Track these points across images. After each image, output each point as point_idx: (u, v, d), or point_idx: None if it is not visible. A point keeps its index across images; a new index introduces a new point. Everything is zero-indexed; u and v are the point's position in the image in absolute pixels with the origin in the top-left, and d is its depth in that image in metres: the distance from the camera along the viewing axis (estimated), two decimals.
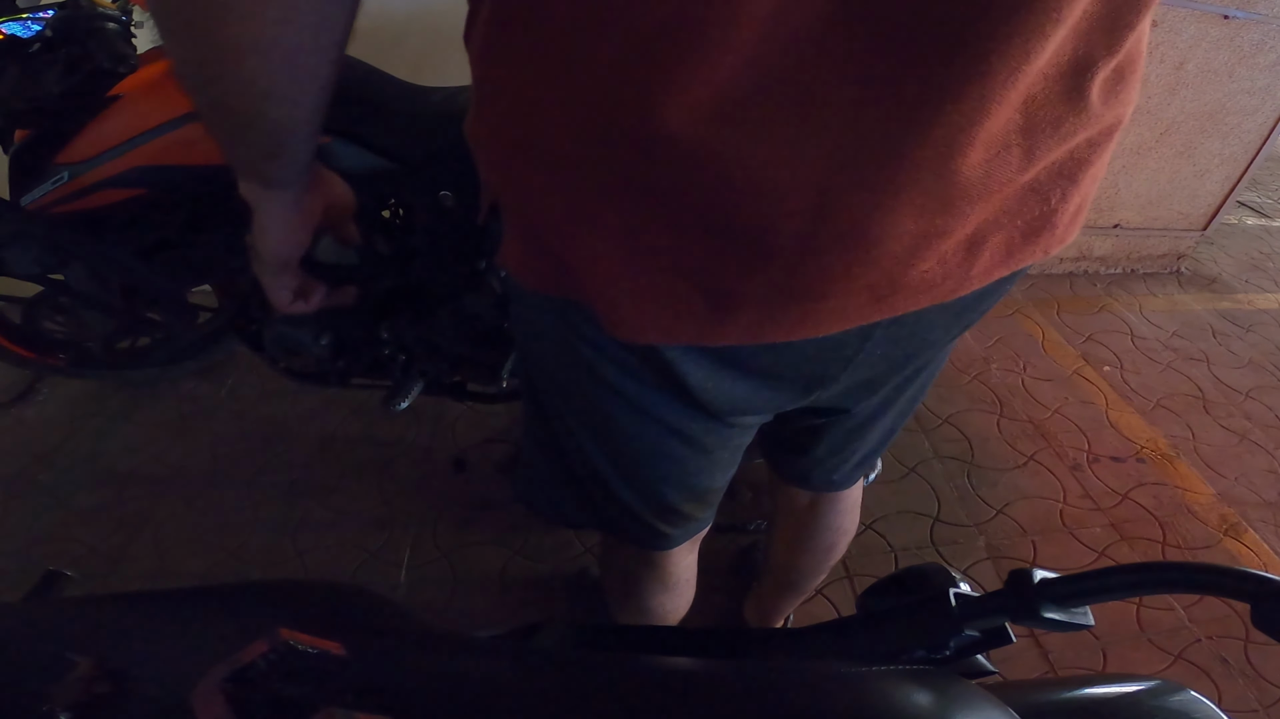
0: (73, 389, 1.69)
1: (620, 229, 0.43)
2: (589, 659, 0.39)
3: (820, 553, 0.94)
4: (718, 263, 0.44)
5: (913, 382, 0.66)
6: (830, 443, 0.73)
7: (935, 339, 0.57)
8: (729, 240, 0.42)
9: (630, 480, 0.64)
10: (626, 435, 0.59)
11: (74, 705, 0.28)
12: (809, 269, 0.43)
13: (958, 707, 0.34)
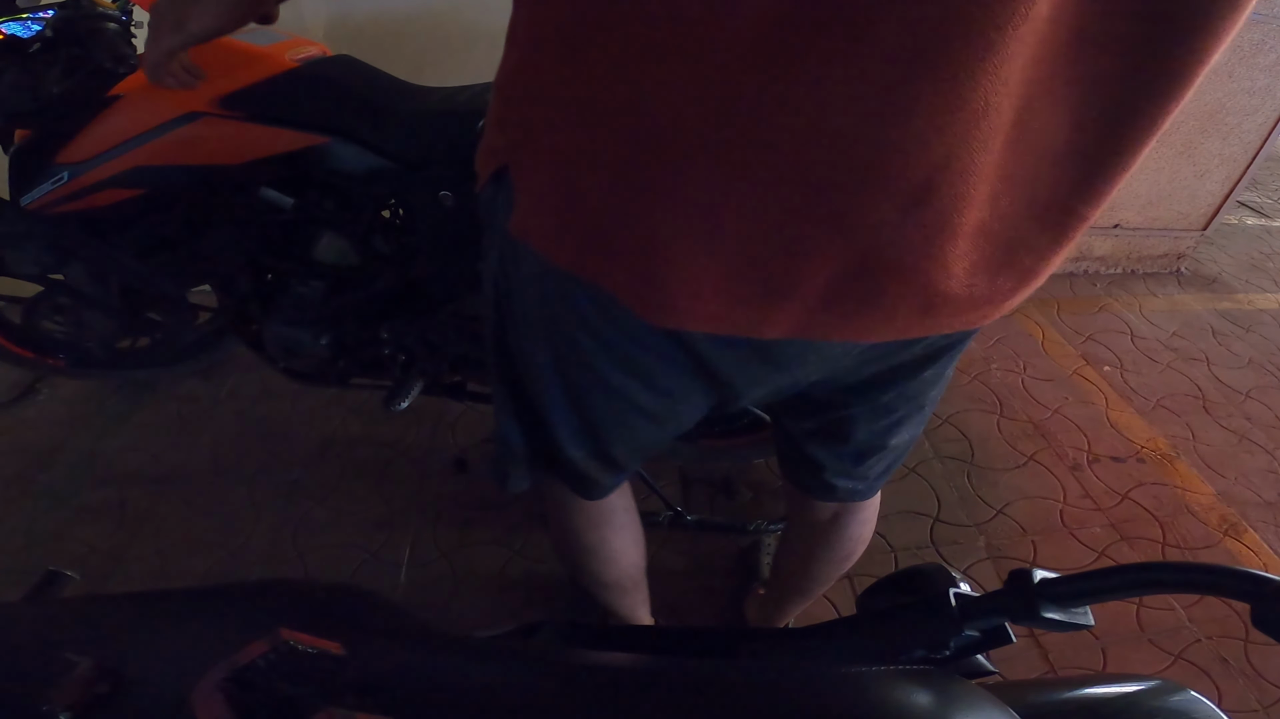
0: (73, 389, 1.69)
1: (694, 205, 0.41)
2: (588, 659, 0.39)
3: (837, 563, 0.94)
4: (790, 249, 0.42)
5: (933, 382, 0.66)
6: (855, 446, 0.72)
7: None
8: (814, 224, 0.41)
9: (585, 443, 0.65)
10: (596, 412, 0.60)
11: (74, 705, 0.28)
12: (880, 264, 0.43)
13: (958, 707, 0.34)
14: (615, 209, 0.44)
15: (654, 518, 1.43)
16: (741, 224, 0.42)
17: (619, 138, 0.41)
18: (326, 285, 1.19)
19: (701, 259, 0.43)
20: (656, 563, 1.40)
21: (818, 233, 0.41)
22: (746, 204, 0.41)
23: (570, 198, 0.45)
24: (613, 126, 0.41)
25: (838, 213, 0.40)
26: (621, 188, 0.43)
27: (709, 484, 1.58)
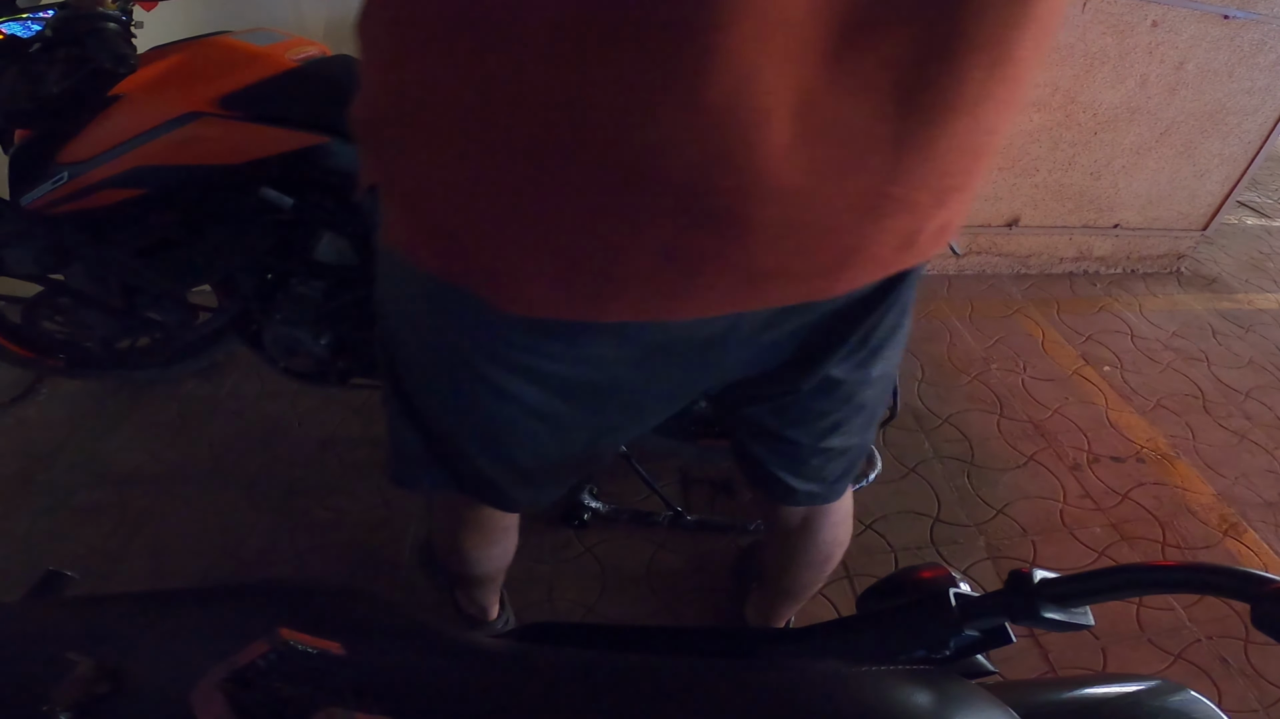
0: (73, 389, 1.68)
1: (517, 198, 0.44)
2: (588, 659, 0.39)
3: (816, 566, 0.94)
4: (603, 238, 0.44)
5: (863, 368, 0.65)
6: (797, 449, 0.72)
7: (833, 333, 0.59)
8: (617, 216, 0.43)
9: (488, 451, 0.65)
10: (487, 414, 0.60)
11: (74, 705, 0.28)
12: (685, 249, 0.44)
13: (958, 707, 0.34)
14: (456, 208, 0.46)
15: (654, 518, 1.43)
16: (560, 215, 0.44)
17: (450, 138, 0.43)
18: (326, 285, 1.19)
19: (534, 250, 0.46)
20: (657, 563, 1.40)
21: (621, 224, 0.44)
22: (560, 196, 0.43)
23: (422, 202, 0.48)
24: (443, 127, 0.43)
25: (634, 205, 0.43)
26: (458, 186, 0.45)
27: (709, 484, 1.58)
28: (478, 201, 0.45)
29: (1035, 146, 2.25)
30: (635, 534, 1.44)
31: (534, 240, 0.45)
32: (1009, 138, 2.20)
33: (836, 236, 0.47)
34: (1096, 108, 2.19)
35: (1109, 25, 2.01)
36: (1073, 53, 2.04)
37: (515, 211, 0.44)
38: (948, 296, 2.41)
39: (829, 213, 0.45)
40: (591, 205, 0.43)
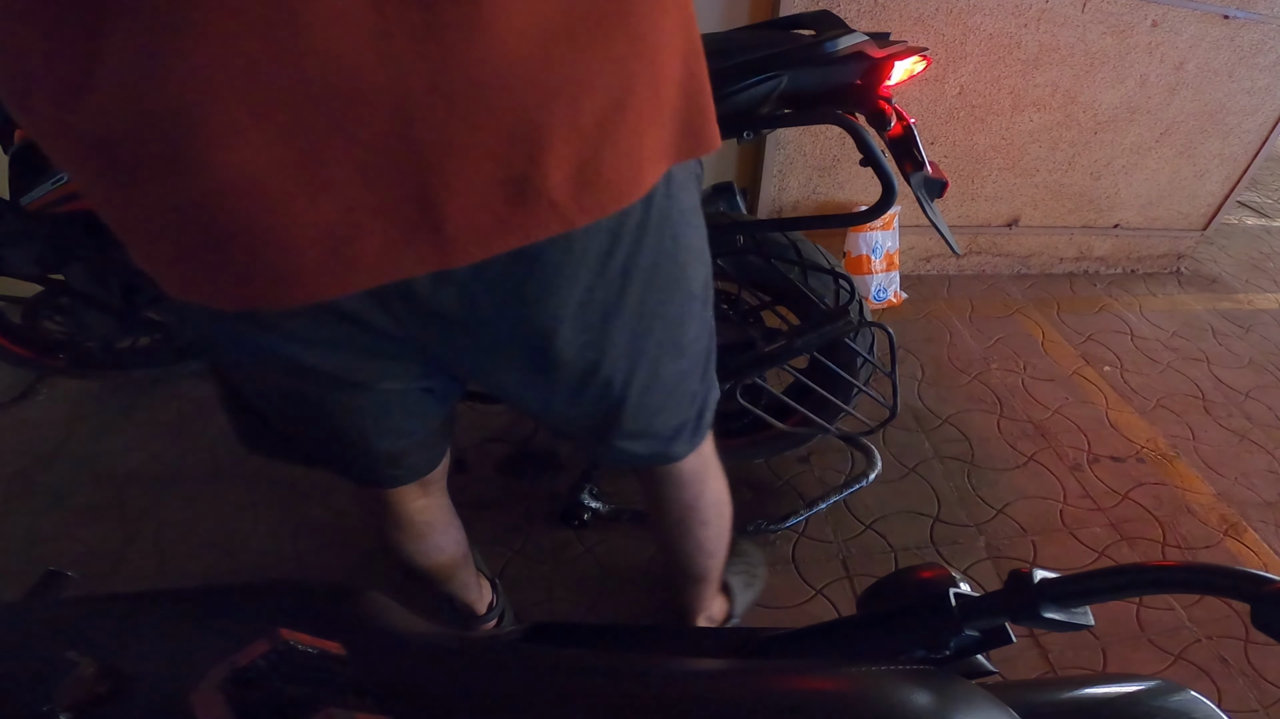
0: (73, 389, 1.68)
1: (124, 200, 0.44)
2: (588, 659, 0.39)
3: (672, 527, 0.91)
4: (192, 228, 0.43)
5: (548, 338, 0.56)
6: (545, 415, 0.69)
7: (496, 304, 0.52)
8: (173, 210, 0.43)
9: (314, 434, 0.65)
10: (278, 399, 0.61)
11: (74, 705, 0.28)
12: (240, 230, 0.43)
13: (958, 707, 0.34)
14: (117, 226, 0.47)
15: None
16: (160, 212, 0.44)
17: (83, 152, 0.43)
18: None
19: (166, 244, 0.46)
20: (657, 563, 1.40)
21: (180, 217, 0.43)
22: (145, 195, 0.43)
23: (110, 217, 0.48)
24: (75, 141, 0.42)
25: (176, 195, 0.42)
26: (101, 201, 0.46)
27: None
28: (118, 212, 0.46)
29: (1035, 146, 2.25)
30: (635, 534, 1.43)
31: (166, 239, 0.45)
32: (1009, 137, 2.20)
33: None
34: (1096, 108, 2.19)
35: (1109, 25, 2.01)
36: (1073, 53, 2.05)
37: (143, 212, 0.44)
38: (948, 297, 2.41)
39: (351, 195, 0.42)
40: (173, 197, 0.42)
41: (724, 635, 0.55)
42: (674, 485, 0.85)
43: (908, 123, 0.98)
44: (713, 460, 0.87)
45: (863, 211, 1.01)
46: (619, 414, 0.66)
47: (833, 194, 2.22)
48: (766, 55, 0.94)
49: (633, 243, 0.53)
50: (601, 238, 0.51)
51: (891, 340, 1.24)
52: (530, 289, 0.51)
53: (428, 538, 0.90)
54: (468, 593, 1.10)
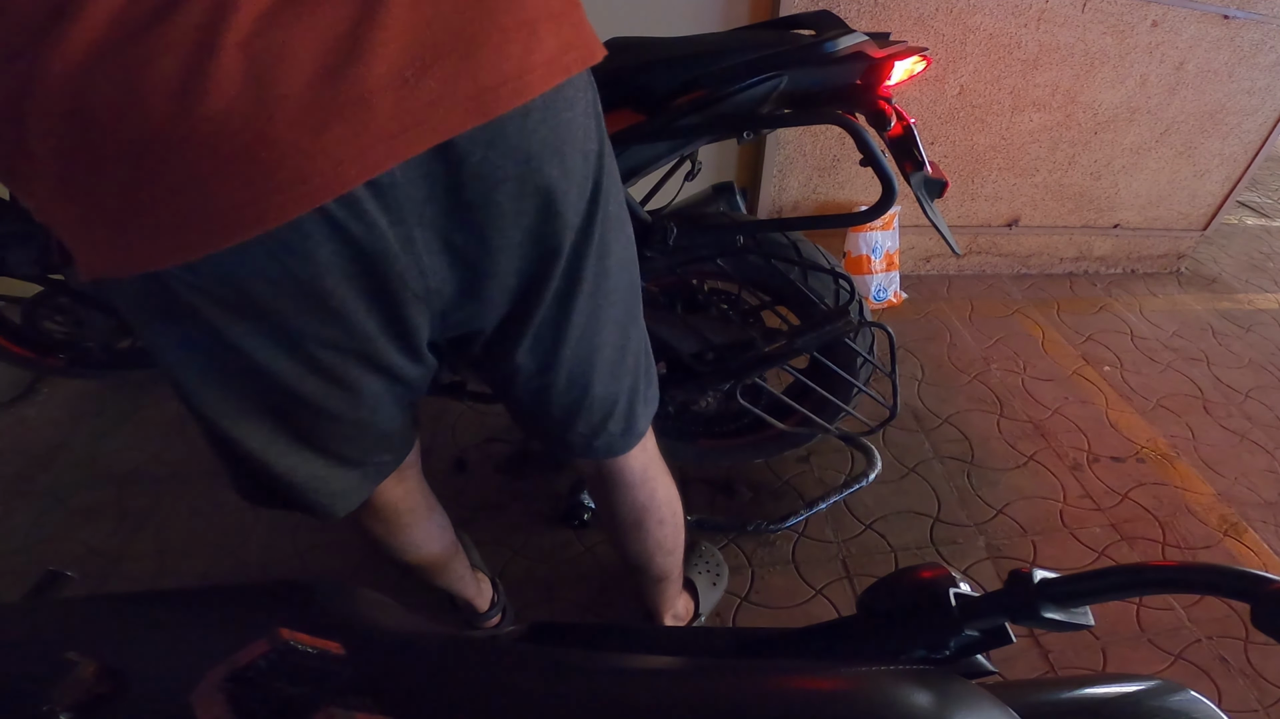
0: (73, 389, 1.68)
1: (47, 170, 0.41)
2: (587, 659, 0.39)
3: (630, 530, 0.93)
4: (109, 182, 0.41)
5: (547, 282, 0.60)
6: (539, 389, 0.70)
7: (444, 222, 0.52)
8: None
9: (256, 428, 0.61)
10: (218, 373, 0.56)
11: (74, 705, 0.28)
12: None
13: (958, 707, 0.34)
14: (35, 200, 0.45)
15: None
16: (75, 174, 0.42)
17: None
18: None
19: (72, 211, 0.44)
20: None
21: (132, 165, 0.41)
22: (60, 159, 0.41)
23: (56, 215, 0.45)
24: None
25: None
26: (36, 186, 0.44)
27: (709, 484, 1.58)
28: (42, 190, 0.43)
29: (1035, 146, 2.25)
30: None
31: (65, 201, 0.43)
32: (1009, 137, 2.20)
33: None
34: (1096, 108, 2.19)
35: (1109, 25, 2.01)
36: (1073, 53, 2.05)
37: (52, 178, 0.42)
38: (948, 297, 2.41)
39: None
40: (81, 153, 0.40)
41: (724, 635, 0.55)
42: (627, 487, 0.87)
43: (908, 123, 0.98)
44: (659, 459, 0.91)
45: (863, 211, 1.01)
46: (565, 330, 0.65)
47: (833, 194, 2.22)
48: (766, 55, 0.94)
49: (605, 142, 0.59)
50: (591, 124, 0.57)
51: (891, 340, 1.24)
52: (555, 137, 0.53)
53: (413, 529, 0.89)
54: (465, 587, 1.10)
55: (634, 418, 0.79)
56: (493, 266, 0.57)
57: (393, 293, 0.53)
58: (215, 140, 0.40)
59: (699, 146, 1.08)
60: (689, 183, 1.26)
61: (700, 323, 1.21)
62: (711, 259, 1.18)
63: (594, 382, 0.71)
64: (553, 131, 0.52)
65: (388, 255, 0.50)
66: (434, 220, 0.51)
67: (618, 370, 0.73)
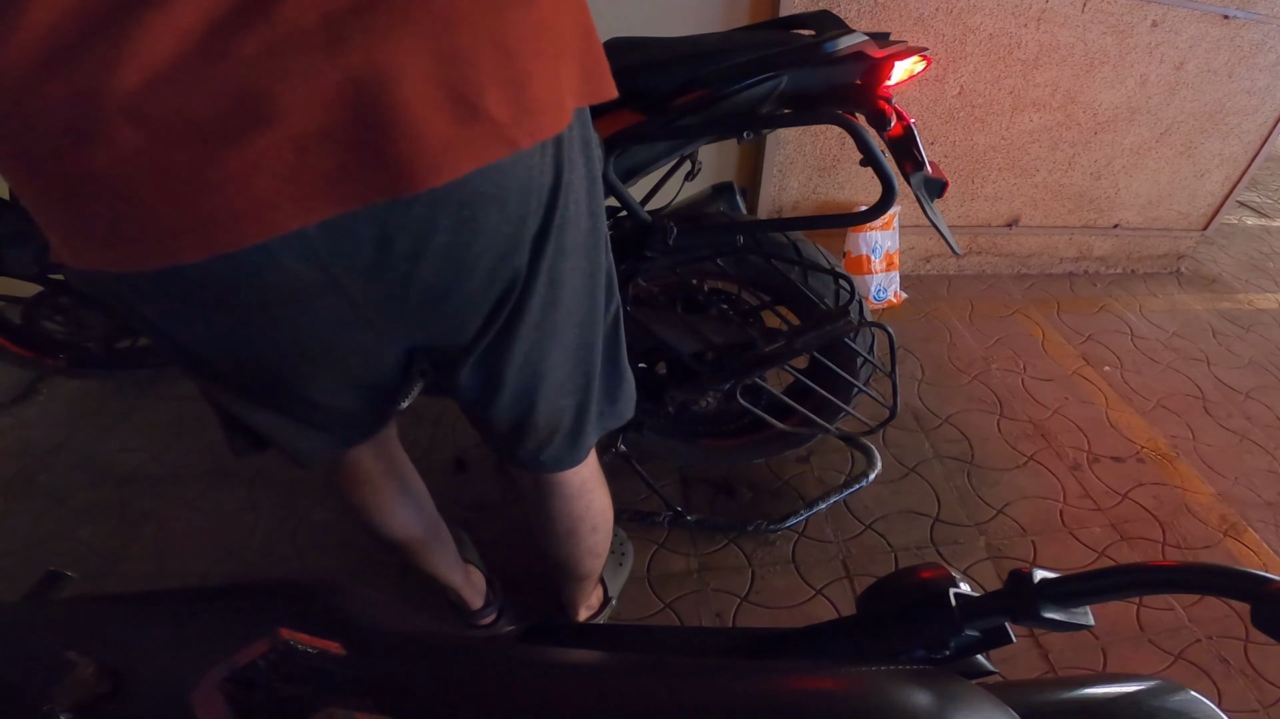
0: (73, 389, 1.69)
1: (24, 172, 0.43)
2: (587, 659, 0.39)
3: (563, 537, 0.94)
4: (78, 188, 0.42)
5: (502, 307, 0.60)
6: (482, 404, 0.71)
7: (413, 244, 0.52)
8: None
9: (244, 400, 0.65)
10: (212, 357, 0.60)
11: (74, 705, 0.28)
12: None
13: (958, 707, 0.34)
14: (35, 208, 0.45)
15: (654, 518, 1.43)
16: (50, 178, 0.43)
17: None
18: None
19: (53, 209, 0.45)
20: (657, 563, 1.40)
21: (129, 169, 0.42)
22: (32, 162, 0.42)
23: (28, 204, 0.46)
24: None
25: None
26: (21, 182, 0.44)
27: (709, 484, 1.58)
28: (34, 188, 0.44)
29: (1035, 146, 2.25)
30: (635, 534, 1.44)
31: (46, 200, 0.44)
32: (1009, 137, 2.20)
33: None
34: (1096, 108, 2.19)
35: (1109, 25, 2.01)
36: (1073, 53, 2.05)
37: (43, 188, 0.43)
38: (948, 297, 2.41)
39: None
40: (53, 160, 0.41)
41: (724, 635, 0.55)
42: (564, 499, 0.89)
43: (908, 123, 0.98)
44: (598, 470, 0.93)
45: (863, 211, 1.01)
46: (511, 343, 0.65)
47: (833, 194, 2.22)
48: (766, 55, 0.94)
49: (570, 174, 0.57)
50: (548, 164, 0.54)
51: (891, 340, 1.24)
52: (493, 186, 0.51)
53: (387, 493, 0.90)
54: (451, 576, 1.11)
55: (580, 435, 0.80)
56: (437, 304, 0.58)
57: (334, 322, 0.56)
58: (114, 188, 0.42)
59: (699, 146, 1.08)
60: (689, 183, 1.26)
61: (700, 323, 1.21)
62: (711, 259, 1.18)
63: (539, 403, 0.72)
64: (490, 181, 0.51)
65: (319, 290, 0.52)
66: (365, 267, 0.51)
67: (563, 392, 0.74)
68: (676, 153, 1.04)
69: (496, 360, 0.66)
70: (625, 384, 0.83)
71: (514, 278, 0.59)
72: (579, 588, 1.11)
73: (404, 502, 0.93)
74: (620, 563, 1.35)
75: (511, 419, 0.73)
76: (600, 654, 0.41)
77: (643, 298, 1.22)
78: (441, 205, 0.49)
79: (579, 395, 0.76)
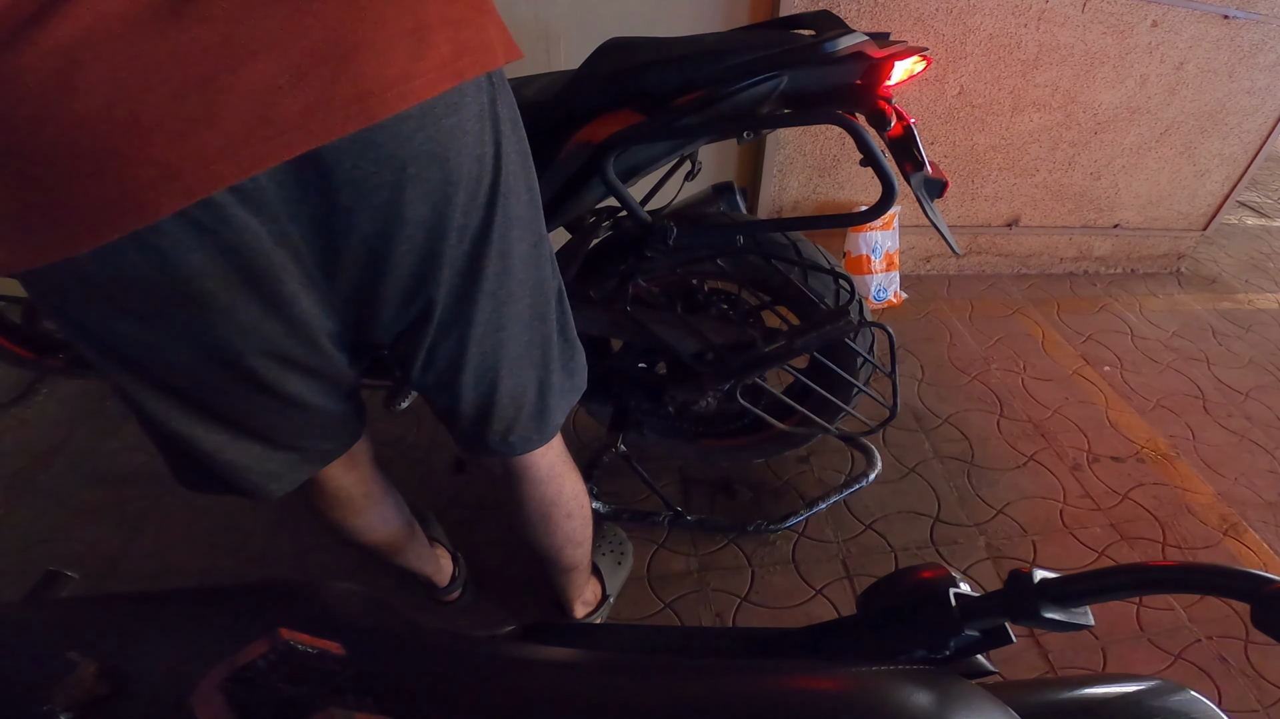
0: (73, 389, 1.69)
1: None
2: (587, 659, 0.39)
3: (538, 525, 0.95)
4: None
5: (427, 279, 0.60)
6: (447, 385, 0.71)
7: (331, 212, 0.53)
8: None
9: (187, 414, 0.64)
10: (172, 374, 0.58)
11: (74, 705, 0.28)
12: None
13: (958, 707, 0.34)
14: None
15: (654, 518, 1.43)
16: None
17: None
18: None
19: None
20: (657, 563, 1.40)
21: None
22: None
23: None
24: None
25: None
26: None
27: (709, 484, 1.58)
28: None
29: (1035, 146, 2.25)
30: (635, 534, 1.44)
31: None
32: (1009, 137, 2.20)
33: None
34: (1096, 108, 2.19)
35: (1109, 25, 2.01)
36: (1073, 53, 2.05)
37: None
38: (948, 297, 2.41)
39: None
40: None
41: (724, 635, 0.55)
42: (534, 483, 0.89)
43: (908, 123, 0.98)
44: (566, 454, 0.93)
45: (863, 211, 1.01)
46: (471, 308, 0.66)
47: (833, 194, 2.22)
48: (766, 55, 0.94)
49: (507, 145, 0.59)
50: (487, 133, 0.57)
51: (891, 340, 1.24)
52: (435, 144, 0.53)
53: (367, 512, 0.90)
54: (423, 565, 1.13)
55: (546, 411, 0.80)
56: (382, 265, 0.58)
57: (277, 289, 0.54)
58: (81, 145, 0.42)
59: (699, 146, 1.08)
60: (689, 183, 1.26)
61: (700, 323, 1.21)
62: (711, 259, 1.18)
63: (502, 376, 0.72)
64: (431, 138, 0.52)
65: (260, 252, 0.51)
66: (311, 218, 0.52)
67: (524, 364, 0.74)
68: (676, 153, 1.04)
69: (457, 332, 0.66)
70: (578, 355, 0.83)
71: (465, 240, 0.60)
72: (568, 580, 1.11)
73: (381, 514, 0.93)
74: (620, 562, 1.35)
75: (477, 399, 0.73)
76: (600, 654, 0.41)
77: (643, 298, 1.22)
78: (387, 159, 0.51)
79: (539, 370, 0.76)
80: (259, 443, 0.68)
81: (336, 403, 0.70)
